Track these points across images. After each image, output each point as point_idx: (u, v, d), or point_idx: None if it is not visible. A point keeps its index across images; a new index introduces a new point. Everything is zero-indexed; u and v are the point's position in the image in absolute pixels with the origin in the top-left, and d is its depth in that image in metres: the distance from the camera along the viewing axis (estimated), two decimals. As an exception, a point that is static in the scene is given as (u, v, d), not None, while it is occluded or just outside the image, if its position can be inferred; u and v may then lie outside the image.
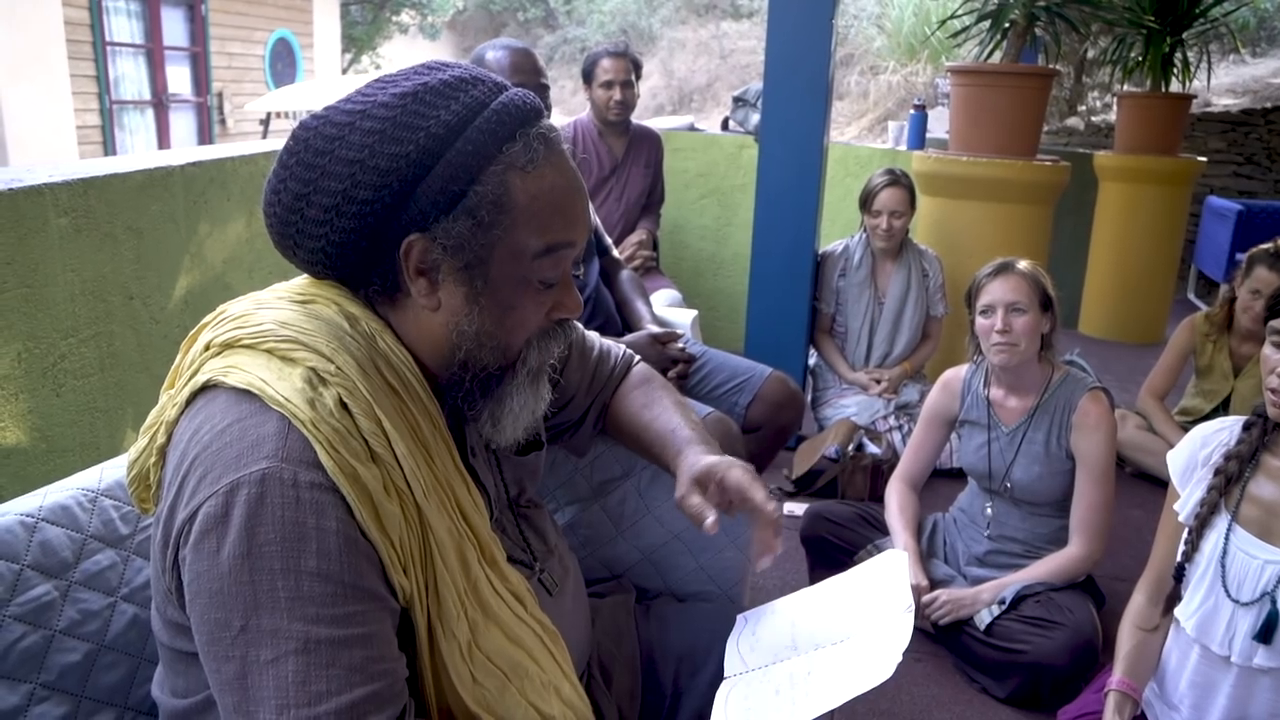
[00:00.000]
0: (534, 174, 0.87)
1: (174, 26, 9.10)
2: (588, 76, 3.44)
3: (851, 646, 1.02)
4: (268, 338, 0.85)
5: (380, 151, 0.84)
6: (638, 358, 1.35)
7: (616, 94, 3.37)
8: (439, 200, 0.85)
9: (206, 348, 0.88)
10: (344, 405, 0.82)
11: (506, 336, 0.92)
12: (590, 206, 0.96)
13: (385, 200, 0.84)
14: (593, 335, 1.31)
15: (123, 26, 8.49)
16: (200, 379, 0.85)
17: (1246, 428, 1.50)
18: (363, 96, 0.88)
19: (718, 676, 1.10)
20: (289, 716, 0.75)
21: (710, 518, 1.04)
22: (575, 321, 1.08)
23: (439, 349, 0.92)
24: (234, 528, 0.76)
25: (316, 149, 0.86)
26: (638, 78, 3.48)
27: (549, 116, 0.96)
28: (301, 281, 0.94)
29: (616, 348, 1.34)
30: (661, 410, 1.24)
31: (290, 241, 0.90)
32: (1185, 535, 1.54)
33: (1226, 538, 1.48)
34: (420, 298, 0.89)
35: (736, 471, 1.09)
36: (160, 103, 8.92)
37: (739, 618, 1.20)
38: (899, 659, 0.94)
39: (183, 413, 0.85)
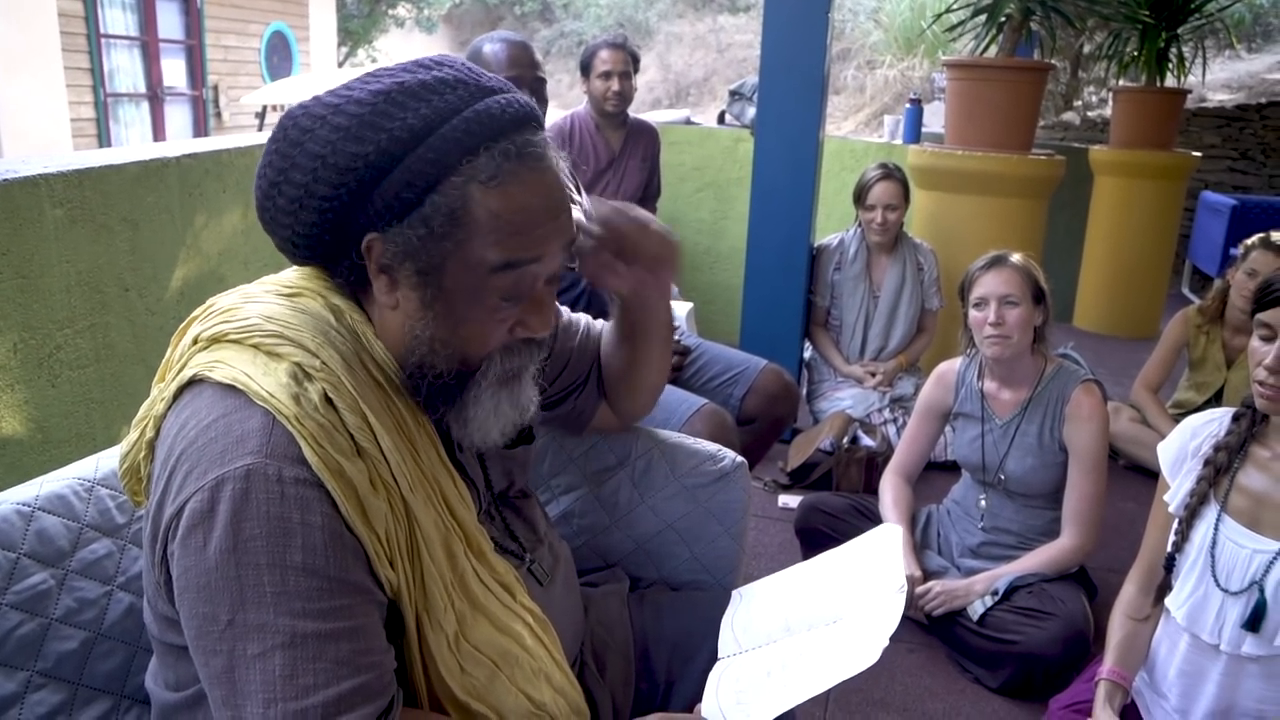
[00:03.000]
0: (498, 190, 0.84)
1: (169, 19, 9.06)
2: (586, 68, 3.44)
3: (843, 628, 1.03)
4: (254, 332, 0.85)
5: (341, 150, 0.83)
6: None
7: (614, 85, 3.37)
8: (394, 205, 0.84)
9: (194, 342, 0.88)
10: (329, 400, 0.82)
11: (462, 346, 0.89)
12: (573, 216, 0.94)
13: (343, 199, 0.84)
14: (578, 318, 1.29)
15: (117, 19, 8.45)
16: (187, 373, 0.85)
17: (1235, 419, 1.51)
18: (346, 90, 0.87)
19: (711, 665, 1.11)
20: (276, 710, 0.75)
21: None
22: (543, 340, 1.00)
23: (397, 348, 0.90)
24: (219, 523, 0.76)
25: (292, 139, 0.86)
26: (636, 71, 3.48)
27: (544, 112, 0.95)
28: (289, 274, 0.94)
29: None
30: None
31: (268, 226, 0.92)
32: (1175, 526, 1.55)
33: (1216, 528, 1.49)
34: (381, 295, 0.89)
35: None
36: (155, 95, 8.89)
37: (734, 594, 1.21)
38: (887, 642, 0.95)
39: (170, 407, 0.85)
